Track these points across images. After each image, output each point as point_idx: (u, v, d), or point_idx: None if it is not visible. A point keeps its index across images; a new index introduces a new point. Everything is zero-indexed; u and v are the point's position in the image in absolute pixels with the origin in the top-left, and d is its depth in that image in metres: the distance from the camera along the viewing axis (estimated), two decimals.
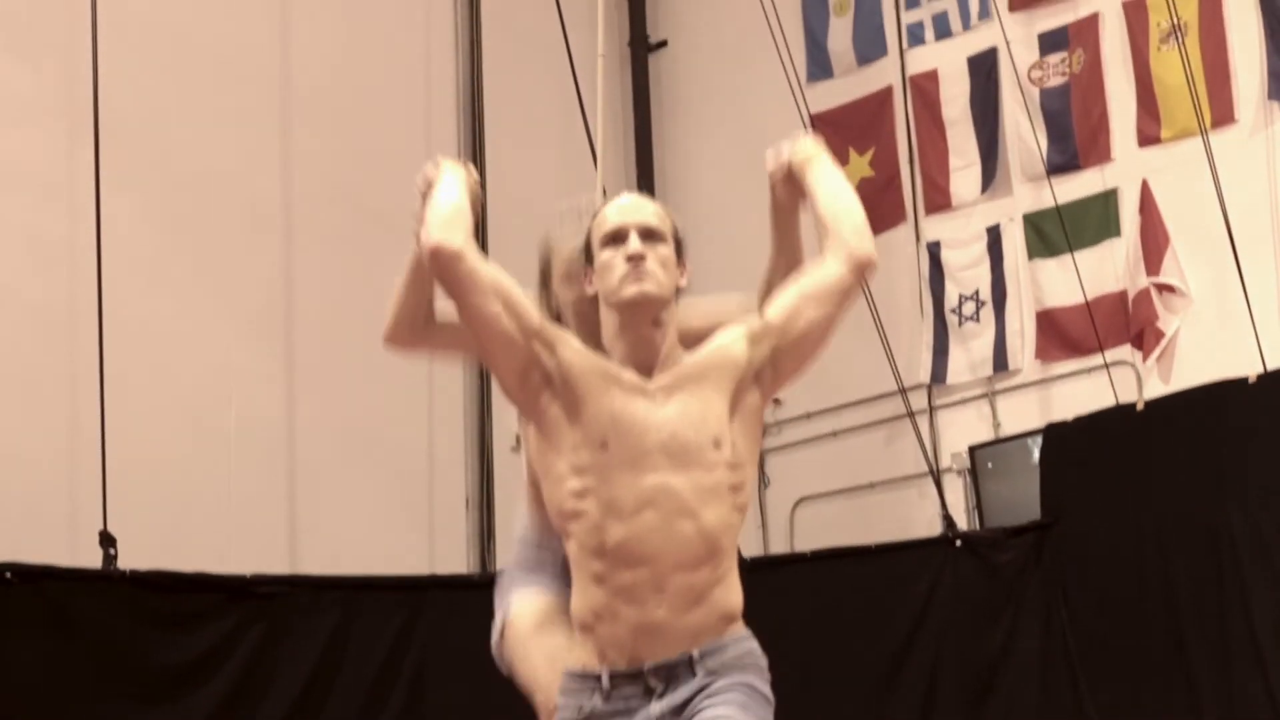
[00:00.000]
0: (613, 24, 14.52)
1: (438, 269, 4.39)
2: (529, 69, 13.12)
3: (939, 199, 13.94)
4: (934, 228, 13.94)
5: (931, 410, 13.64)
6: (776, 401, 14.24)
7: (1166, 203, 12.72)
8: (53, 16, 10.79)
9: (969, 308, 13.62)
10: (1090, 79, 13.32)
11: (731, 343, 4.54)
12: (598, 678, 4.36)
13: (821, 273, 4.54)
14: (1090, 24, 13.39)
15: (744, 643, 4.41)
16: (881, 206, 14.12)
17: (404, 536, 12.39)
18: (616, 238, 4.50)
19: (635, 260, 4.44)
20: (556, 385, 4.43)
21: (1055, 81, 13.49)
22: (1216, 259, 11.77)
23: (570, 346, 4.48)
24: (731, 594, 4.41)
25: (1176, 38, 12.46)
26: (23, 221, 10.51)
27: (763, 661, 4.44)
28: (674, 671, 4.33)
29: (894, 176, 14.21)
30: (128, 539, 9.09)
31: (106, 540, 9.02)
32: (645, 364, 4.47)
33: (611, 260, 4.47)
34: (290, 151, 12.27)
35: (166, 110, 11.41)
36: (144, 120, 11.13)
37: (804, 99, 12.56)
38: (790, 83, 12.23)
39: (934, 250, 13.85)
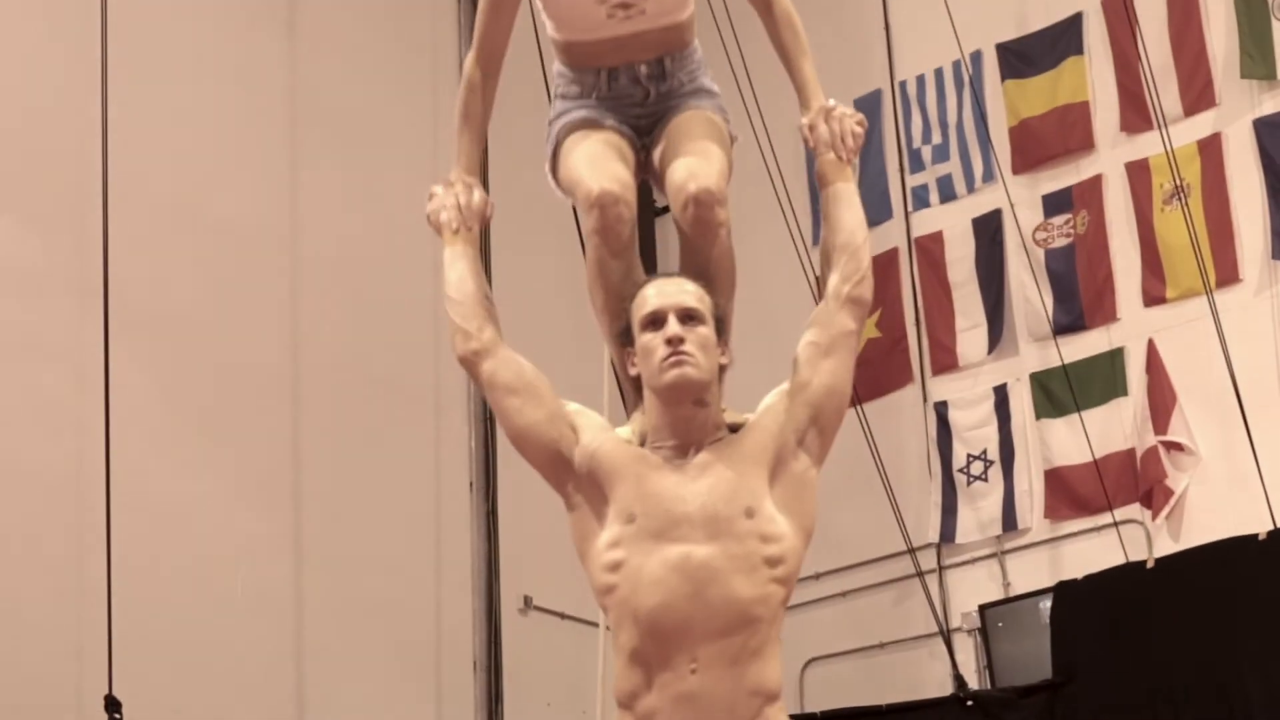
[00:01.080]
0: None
1: (464, 366, 4.70)
2: (536, 233, 13.18)
3: (946, 360, 13.98)
4: (941, 388, 13.96)
5: (941, 570, 13.59)
6: None
7: (1173, 362, 12.74)
8: (63, 187, 10.88)
9: (977, 467, 13.61)
10: (1095, 240, 13.39)
11: (768, 412, 4.60)
12: None
13: (827, 320, 4.66)
14: (1094, 185, 13.49)
15: None
16: (888, 368, 14.17)
17: (412, 701, 12.34)
18: (655, 321, 4.53)
19: (674, 343, 4.47)
20: (582, 474, 4.54)
21: (1060, 242, 13.57)
22: (1224, 417, 11.77)
23: (596, 433, 4.58)
24: (768, 670, 4.41)
25: (1180, 198, 12.54)
26: (32, 389, 10.54)
27: None
28: None
29: (901, 338, 14.26)
30: (133, 704, 9.06)
31: (112, 705, 9.00)
32: (689, 442, 4.53)
33: (651, 344, 4.50)
34: (298, 319, 12.33)
35: (175, 278, 11.49)
36: (152, 289, 11.20)
37: (811, 263, 12.62)
38: (796, 247, 12.30)
39: (941, 410, 13.87)
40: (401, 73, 13.50)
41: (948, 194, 14.23)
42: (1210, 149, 12.92)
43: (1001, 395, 13.59)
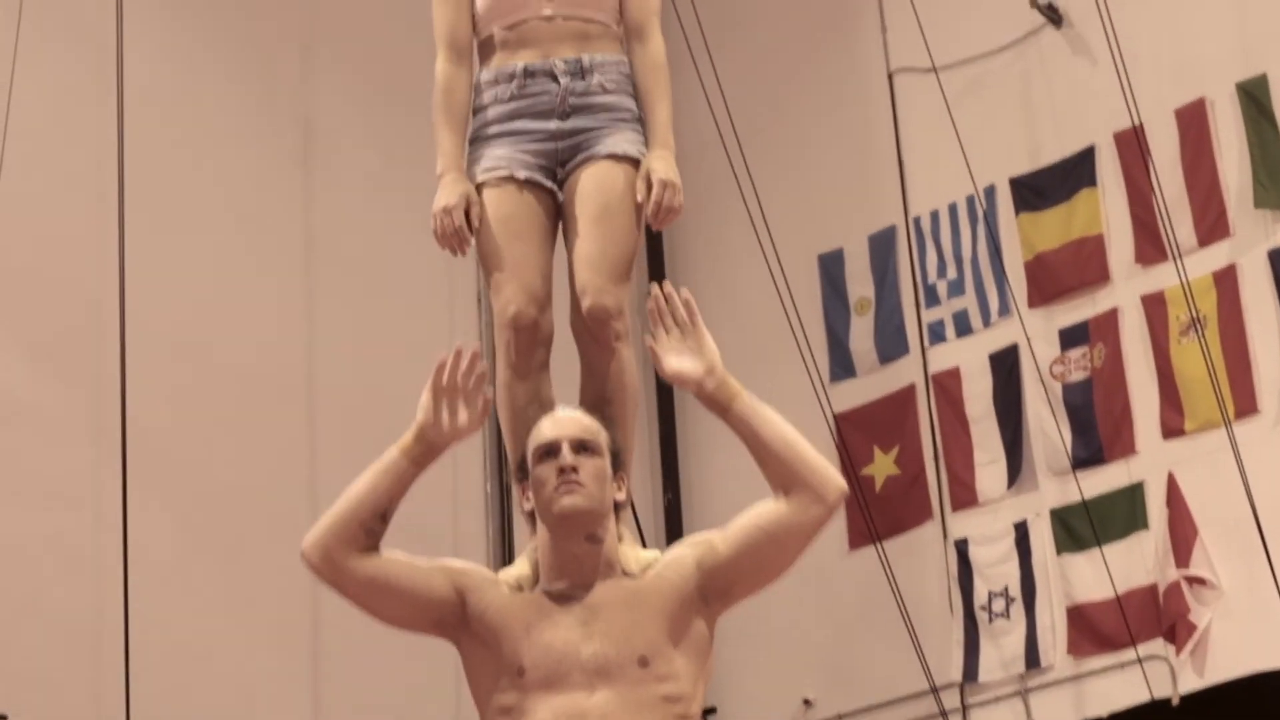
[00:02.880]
0: (635, 329, 14.61)
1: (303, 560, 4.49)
2: (554, 378, 13.21)
3: (965, 496, 13.90)
4: (961, 525, 13.88)
5: (964, 709, 13.44)
6: (807, 703, 14.07)
7: (1193, 494, 12.68)
8: (81, 330, 10.93)
9: (999, 604, 13.51)
10: (1112, 373, 13.36)
11: (678, 567, 4.52)
12: None
13: (790, 514, 4.47)
14: (1110, 319, 13.47)
15: None
16: (908, 504, 14.10)
17: None
18: (549, 451, 4.51)
19: (566, 472, 4.43)
20: (473, 629, 4.48)
21: (1077, 376, 13.54)
22: (1246, 550, 11.68)
23: (483, 594, 4.49)
24: None
25: (1196, 330, 12.50)
26: (50, 534, 10.56)
27: None
28: None
29: (919, 474, 14.19)
30: None
31: None
32: (581, 582, 4.46)
33: (544, 474, 4.48)
34: (315, 461, 12.32)
35: (192, 424, 11.51)
36: (170, 434, 11.22)
37: (827, 398, 12.59)
38: (813, 382, 12.26)
39: (962, 547, 13.78)
40: (416, 215, 13.48)
41: (964, 329, 14.20)
42: (1225, 280, 12.92)
43: (1022, 531, 13.51)
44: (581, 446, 4.51)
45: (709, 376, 4.67)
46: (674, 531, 14.57)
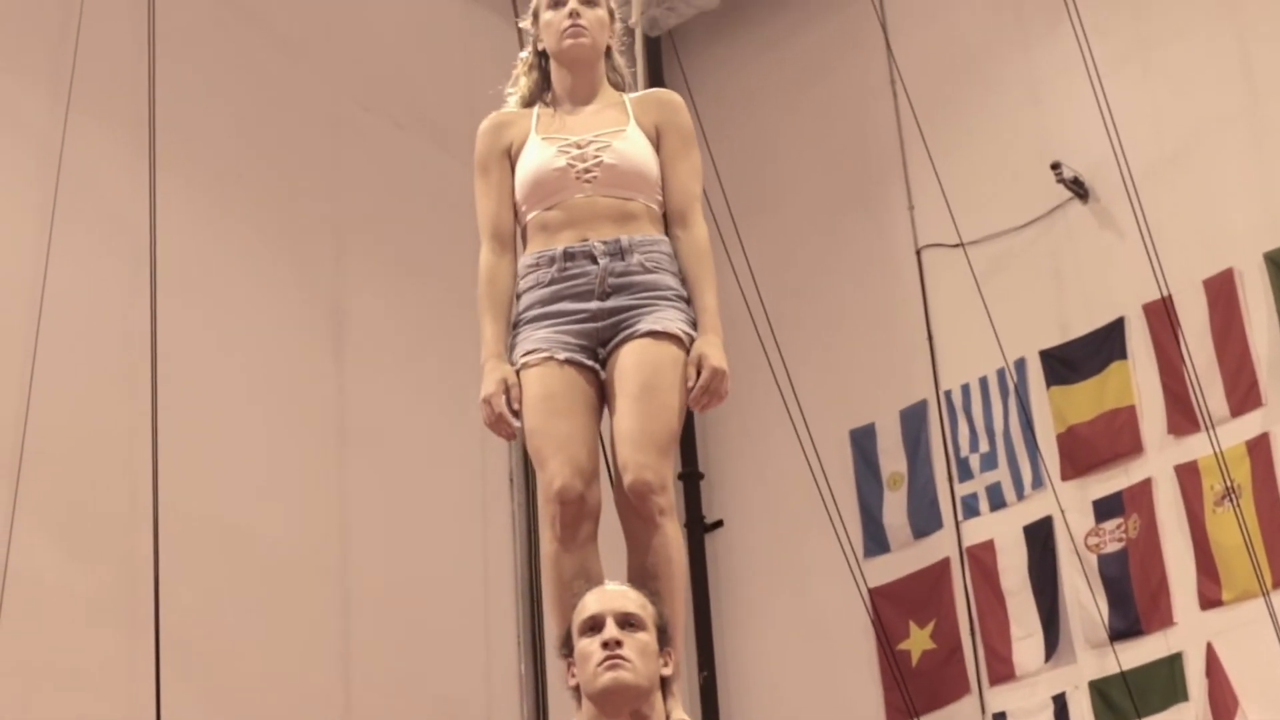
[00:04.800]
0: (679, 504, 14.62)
1: None
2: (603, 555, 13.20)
3: (1002, 669, 13.81)
4: (999, 699, 13.78)
5: None
6: None
7: (1233, 665, 12.60)
8: (114, 518, 10.95)
9: None
10: (1147, 543, 13.32)
11: None
12: None
13: None
14: (1144, 489, 13.44)
15: None
16: (945, 679, 14.02)
17: None
18: (594, 626, 4.48)
19: (611, 647, 4.40)
20: None
21: (1112, 547, 13.49)
22: None
23: None
24: None
25: (1231, 499, 12.49)
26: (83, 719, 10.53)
27: None
28: None
29: (956, 648, 14.12)
30: None
31: None
32: None
33: (588, 648, 4.45)
34: (350, 644, 12.30)
35: (226, 608, 11.50)
36: (203, 618, 11.21)
37: (862, 574, 12.55)
38: (847, 558, 12.23)
39: None
40: (448, 398, 13.59)
41: (998, 502, 14.18)
42: (1259, 449, 12.91)
43: (1060, 704, 13.40)
44: (627, 621, 4.49)
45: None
46: (710, 710, 14.49)
